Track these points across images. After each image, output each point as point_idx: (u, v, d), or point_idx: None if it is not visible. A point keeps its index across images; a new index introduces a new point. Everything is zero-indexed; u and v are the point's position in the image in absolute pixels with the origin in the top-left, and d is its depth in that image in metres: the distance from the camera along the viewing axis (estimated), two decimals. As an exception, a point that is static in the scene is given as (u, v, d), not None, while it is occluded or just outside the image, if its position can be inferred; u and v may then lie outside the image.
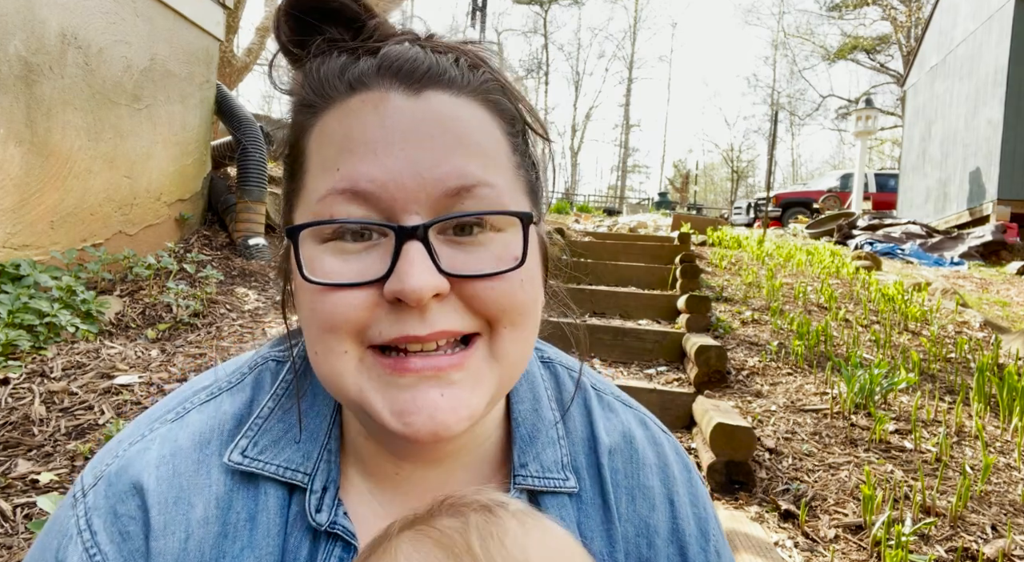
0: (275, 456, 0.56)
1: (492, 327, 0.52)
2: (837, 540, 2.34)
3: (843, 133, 41.41)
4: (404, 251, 0.48)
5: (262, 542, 0.53)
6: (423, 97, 0.51)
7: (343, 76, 0.53)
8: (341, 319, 0.50)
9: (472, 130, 0.52)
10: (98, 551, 0.51)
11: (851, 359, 3.70)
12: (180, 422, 0.57)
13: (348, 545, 0.55)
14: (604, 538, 0.60)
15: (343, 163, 0.50)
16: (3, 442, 2.33)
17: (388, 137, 0.49)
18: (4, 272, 3.32)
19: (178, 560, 0.51)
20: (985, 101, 12.73)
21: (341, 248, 0.51)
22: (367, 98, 0.51)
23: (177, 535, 0.52)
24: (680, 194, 28.78)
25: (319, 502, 0.55)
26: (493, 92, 0.55)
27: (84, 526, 0.52)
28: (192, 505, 0.53)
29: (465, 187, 0.50)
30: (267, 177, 5.43)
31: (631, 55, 43.81)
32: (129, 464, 0.54)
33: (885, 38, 32.57)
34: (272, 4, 11.03)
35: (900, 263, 9.06)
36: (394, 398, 0.50)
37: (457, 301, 0.51)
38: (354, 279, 0.49)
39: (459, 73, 0.53)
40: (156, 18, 4.56)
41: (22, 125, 3.55)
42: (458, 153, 0.50)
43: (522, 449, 0.62)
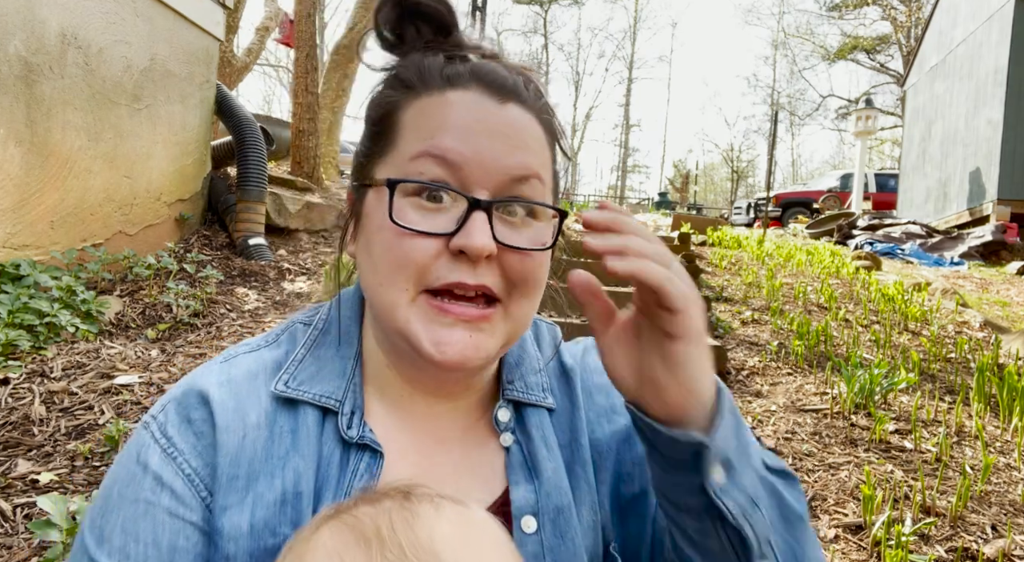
0: (311, 387, 0.69)
1: (511, 294, 0.66)
2: (837, 540, 2.34)
3: (843, 133, 41.41)
4: (473, 217, 0.63)
5: (303, 446, 0.65)
6: (506, 107, 0.66)
7: (442, 72, 0.67)
8: (412, 260, 0.63)
9: (534, 139, 0.67)
10: (176, 450, 0.64)
11: (851, 359, 3.70)
12: (230, 362, 0.71)
13: (375, 452, 0.67)
14: (571, 430, 0.76)
15: (438, 136, 0.64)
16: (3, 442, 2.33)
17: (478, 127, 0.64)
18: (4, 272, 3.32)
19: (237, 453, 0.64)
20: (985, 101, 12.73)
21: (420, 204, 0.64)
22: (464, 95, 0.66)
23: (237, 433, 0.64)
24: (680, 194, 28.78)
25: (349, 421, 0.68)
26: (547, 115, 0.71)
27: (160, 435, 0.64)
28: (247, 413, 0.66)
29: (525, 176, 0.65)
30: (267, 177, 5.43)
31: (631, 55, 43.83)
32: (194, 384, 0.67)
33: (885, 38, 32.57)
34: (272, 4, 11.03)
35: (900, 263, 9.06)
36: (435, 332, 0.63)
37: (497, 266, 0.65)
38: (430, 230, 0.63)
39: (529, 96, 0.69)
40: (156, 18, 4.56)
41: (22, 125, 3.55)
42: (524, 151, 0.66)
43: (509, 371, 0.77)
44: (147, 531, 0.61)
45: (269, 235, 5.46)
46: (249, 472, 0.63)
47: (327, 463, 0.66)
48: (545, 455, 0.72)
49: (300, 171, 7.15)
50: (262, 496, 0.62)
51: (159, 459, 0.63)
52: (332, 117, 10.11)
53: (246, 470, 0.63)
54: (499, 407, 0.75)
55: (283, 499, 0.62)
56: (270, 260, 5.05)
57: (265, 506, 0.62)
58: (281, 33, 10.90)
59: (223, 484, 0.62)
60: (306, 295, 4.39)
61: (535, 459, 0.72)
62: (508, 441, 0.73)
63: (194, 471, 0.63)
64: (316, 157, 7.28)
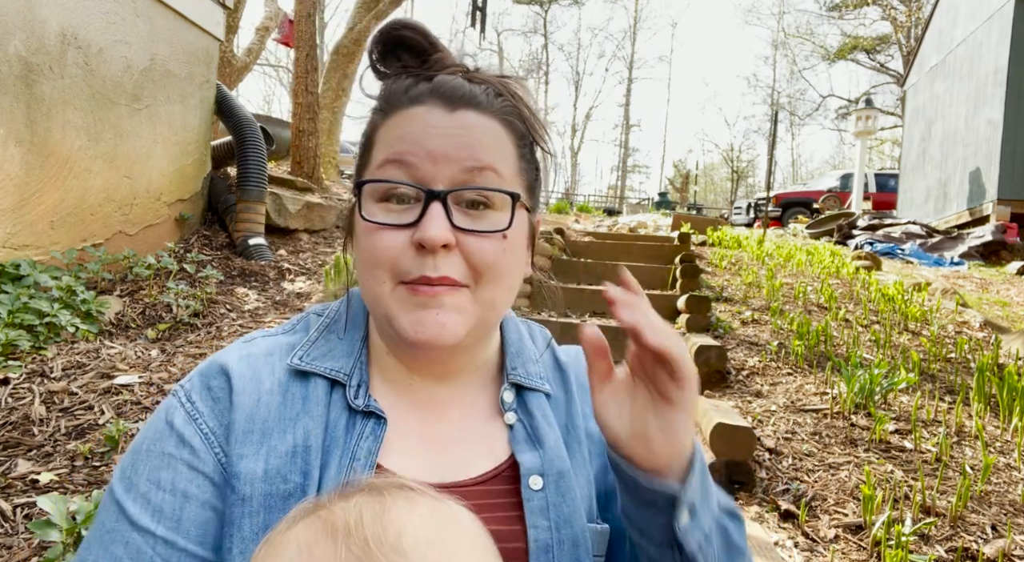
0: (322, 363, 0.77)
1: (477, 281, 0.73)
2: (837, 540, 2.34)
3: (843, 133, 41.39)
4: (429, 209, 0.70)
5: (313, 409, 0.73)
6: (457, 113, 0.74)
7: (407, 93, 0.76)
8: (382, 253, 0.71)
9: (488, 136, 0.74)
10: (197, 413, 0.73)
11: (851, 359, 3.70)
12: (250, 343, 0.81)
13: (380, 419, 0.75)
14: (567, 415, 0.83)
15: (397, 144, 0.73)
16: (3, 442, 2.33)
17: (428, 132, 0.72)
18: (4, 272, 3.32)
19: (252, 412, 0.72)
20: (985, 101, 12.73)
21: (388, 207, 0.73)
22: (419, 110, 0.74)
23: (252, 396, 0.73)
24: (680, 194, 28.77)
25: (356, 392, 0.76)
26: (509, 114, 0.77)
27: (185, 400, 0.74)
28: (262, 381, 0.75)
29: (476, 167, 0.72)
30: (267, 177, 5.43)
31: (631, 55, 43.80)
32: (216, 359, 0.77)
33: (885, 38, 32.55)
34: (272, 4, 11.03)
35: (900, 263, 9.06)
36: (411, 314, 0.71)
37: (459, 256, 0.71)
38: (394, 222, 0.71)
39: (485, 98, 0.76)
40: (156, 18, 4.56)
41: (22, 125, 3.55)
42: (474, 146, 0.72)
43: (512, 359, 0.85)
44: (167, 480, 0.70)
45: (269, 235, 5.46)
46: (264, 428, 0.72)
47: (334, 425, 0.74)
48: (547, 430, 0.79)
49: (300, 171, 7.15)
50: (275, 448, 0.70)
51: (183, 420, 0.72)
52: (332, 117, 10.11)
53: (260, 426, 0.72)
54: (504, 389, 0.82)
55: (294, 451, 0.70)
56: (270, 260, 5.05)
57: (278, 456, 0.70)
58: (281, 33, 10.90)
59: (239, 437, 0.71)
60: (306, 295, 4.39)
61: (538, 433, 0.79)
62: (512, 420, 0.80)
63: (211, 430, 0.72)
64: (316, 157, 7.28)
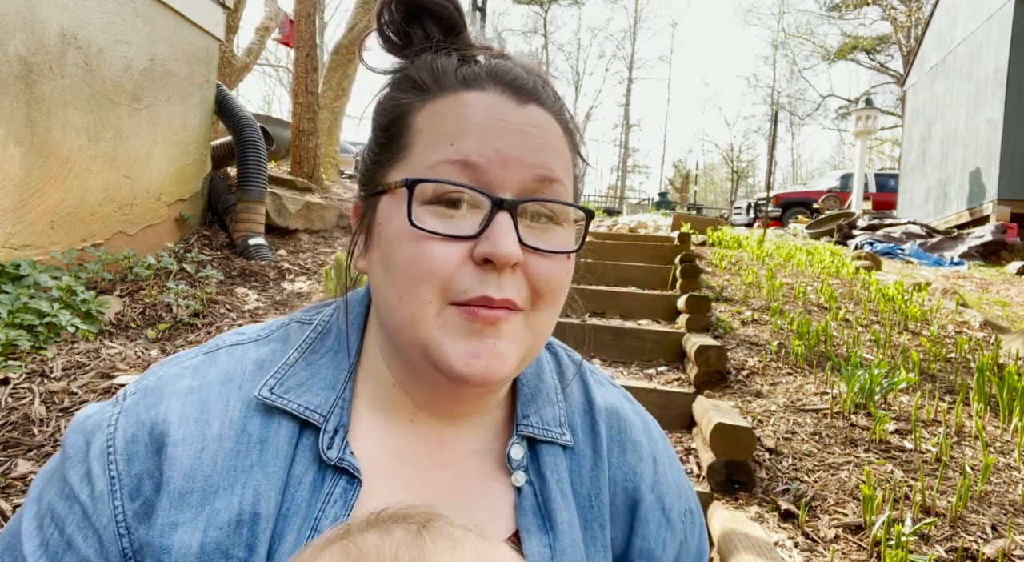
0: (297, 397, 0.64)
1: (535, 304, 0.63)
2: (837, 540, 2.34)
3: (843, 133, 41.40)
4: (497, 219, 0.59)
5: (270, 462, 0.61)
6: (528, 108, 0.63)
7: (458, 73, 0.64)
8: (435, 269, 0.59)
9: (557, 141, 0.65)
10: (114, 448, 0.60)
11: (851, 359, 3.70)
12: (211, 357, 0.67)
13: (353, 478, 0.63)
14: (592, 481, 0.70)
15: (457, 140, 0.60)
16: (3, 442, 2.33)
17: (500, 128, 0.61)
18: (4, 272, 3.32)
19: (192, 466, 0.59)
20: (985, 101, 12.73)
21: (439, 211, 0.60)
22: (482, 97, 0.62)
23: (193, 446, 0.60)
24: (680, 194, 28.77)
25: (331, 440, 0.63)
26: (567, 118, 0.68)
27: (113, 422, 0.62)
28: (209, 424, 0.61)
29: (549, 178, 0.62)
30: (267, 177, 5.43)
31: (631, 55, 43.81)
32: (164, 385, 0.64)
33: (885, 38, 32.55)
34: (272, 4, 11.03)
35: (900, 263, 9.06)
36: (465, 342, 0.59)
37: (521, 275, 0.61)
38: (453, 233, 0.59)
39: (549, 97, 0.66)
40: (156, 18, 4.56)
41: (22, 125, 3.55)
42: (548, 152, 0.63)
43: (524, 404, 0.72)
44: (61, 514, 0.60)
45: (269, 235, 5.46)
46: (205, 487, 0.59)
47: (297, 483, 0.61)
48: (560, 503, 0.67)
49: (300, 171, 7.15)
50: (217, 514, 0.58)
51: (99, 449, 0.61)
52: (332, 117, 10.11)
53: (202, 485, 0.59)
54: (512, 444, 0.69)
55: (239, 520, 0.58)
56: (270, 260, 5.05)
57: (218, 526, 0.58)
58: (281, 33, 10.90)
59: (174, 499, 0.58)
60: (306, 295, 4.39)
61: (549, 506, 0.66)
62: (520, 481, 0.68)
63: (118, 476, 0.60)
64: (316, 157, 7.28)
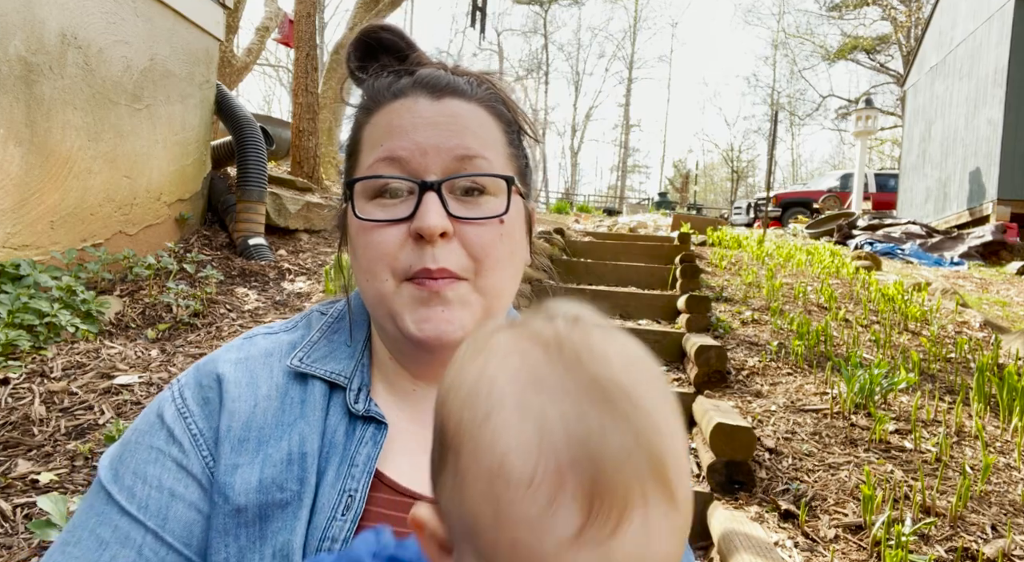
0: (323, 365, 0.76)
1: (478, 271, 0.71)
2: (837, 540, 2.34)
3: (843, 133, 41.38)
4: (424, 200, 0.70)
5: (310, 414, 0.72)
6: (443, 101, 0.74)
7: (390, 89, 0.76)
8: (381, 250, 0.71)
9: (476, 124, 0.74)
10: (188, 412, 0.72)
11: (851, 359, 3.70)
12: (251, 341, 0.79)
13: (380, 424, 0.73)
14: None
15: (386, 141, 0.72)
16: (3, 442, 2.33)
17: (416, 123, 0.72)
18: (4, 272, 3.32)
19: (248, 419, 0.71)
20: (985, 101, 12.73)
21: (381, 203, 0.72)
22: (404, 102, 0.74)
23: (248, 403, 0.72)
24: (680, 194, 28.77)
25: (356, 396, 0.74)
26: (494, 101, 0.77)
27: (178, 396, 0.73)
28: (259, 386, 0.73)
29: (467, 156, 0.71)
30: (267, 177, 5.43)
31: (631, 55, 43.80)
32: (213, 360, 0.76)
33: (885, 38, 32.55)
34: (272, 4, 11.03)
35: (900, 263, 9.06)
36: (416, 311, 0.70)
37: (458, 245, 0.71)
38: (390, 217, 0.71)
39: (469, 87, 0.76)
40: (156, 18, 4.56)
41: (22, 125, 3.55)
42: (464, 134, 0.72)
43: None
44: (154, 476, 0.69)
45: (269, 235, 5.46)
46: (260, 436, 0.70)
47: (333, 431, 0.72)
48: None
49: (300, 171, 7.15)
50: (271, 456, 0.69)
51: (173, 415, 0.72)
52: (332, 117, 10.11)
53: (257, 434, 0.70)
54: None
55: (289, 459, 0.69)
56: (270, 260, 5.05)
57: (273, 464, 0.68)
58: (281, 33, 10.90)
59: (235, 445, 0.69)
60: (306, 295, 4.39)
61: None
62: None
63: (200, 432, 0.71)
64: (316, 157, 7.28)
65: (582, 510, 0.39)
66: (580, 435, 0.40)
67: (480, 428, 0.43)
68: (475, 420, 0.44)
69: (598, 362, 0.43)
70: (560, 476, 0.40)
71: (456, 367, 0.50)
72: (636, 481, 0.40)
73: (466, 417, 0.45)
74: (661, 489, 0.41)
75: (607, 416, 0.41)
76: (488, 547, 0.42)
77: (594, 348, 0.45)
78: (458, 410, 0.46)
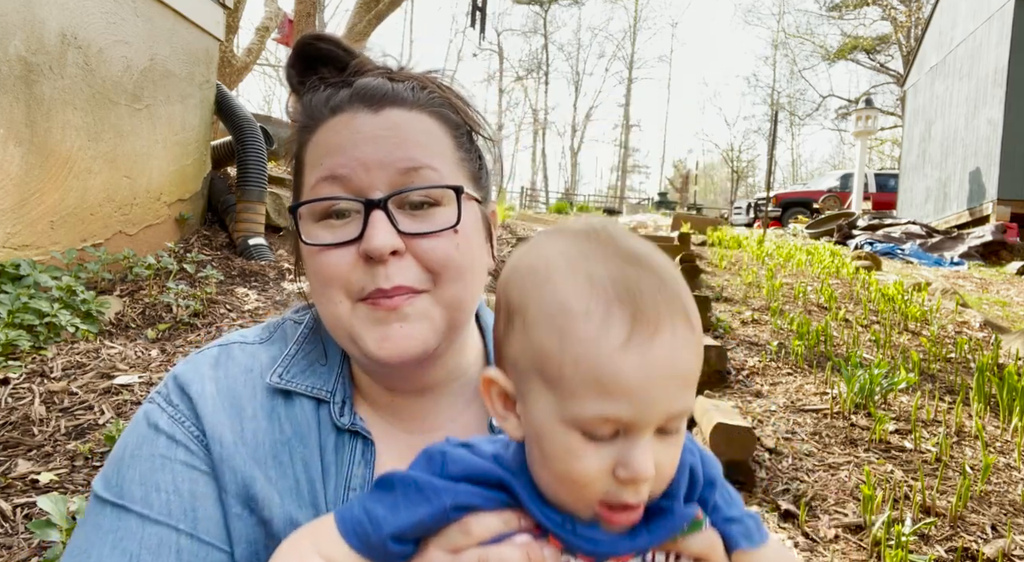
0: (303, 380, 0.74)
1: (436, 282, 0.70)
2: (837, 540, 2.34)
3: (843, 133, 41.38)
4: (371, 218, 0.67)
5: (306, 436, 0.71)
6: (383, 113, 0.71)
7: (327, 104, 0.72)
8: (331, 274, 0.68)
9: (419, 132, 0.71)
10: (182, 416, 0.70)
11: (851, 359, 3.70)
12: (226, 351, 0.76)
13: (366, 440, 0.72)
14: None
15: (326, 160, 0.70)
16: (3, 442, 2.33)
17: (355, 139, 0.69)
18: (4, 272, 3.32)
19: (236, 443, 0.68)
20: (985, 101, 12.73)
21: (329, 225, 0.70)
22: (343, 118, 0.71)
23: (232, 428, 0.70)
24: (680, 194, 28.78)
25: (340, 410, 0.73)
26: (439, 106, 0.74)
27: (166, 404, 0.71)
28: (243, 408, 0.71)
29: (413, 168, 0.69)
30: (267, 177, 5.43)
31: (631, 55, 43.81)
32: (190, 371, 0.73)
33: (885, 38, 32.56)
34: (272, 4, 11.03)
35: (900, 263, 9.06)
36: (375, 330, 0.68)
37: (412, 260, 0.69)
38: (337, 240, 0.68)
39: (410, 94, 0.73)
40: (156, 18, 4.56)
41: (22, 125, 3.55)
42: (407, 146, 0.69)
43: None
44: (167, 481, 0.67)
45: (269, 235, 5.46)
46: (256, 456, 0.69)
47: (324, 448, 0.71)
48: None
49: (300, 171, 7.14)
50: (277, 480, 0.69)
51: (168, 421, 0.70)
52: (332, 117, 10.10)
53: (252, 454, 0.69)
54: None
55: (297, 487, 0.69)
56: (270, 260, 5.05)
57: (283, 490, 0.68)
58: (281, 33, 10.89)
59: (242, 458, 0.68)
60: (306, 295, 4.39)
61: None
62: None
63: (202, 433, 0.69)
64: (316, 157, 7.27)
65: (628, 325, 0.52)
66: (620, 279, 0.54)
67: (542, 287, 0.55)
68: (537, 283, 0.56)
69: (625, 242, 0.57)
70: (608, 305, 0.53)
71: (512, 260, 0.60)
72: (665, 307, 0.53)
73: (528, 283, 0.57)
74: (682, 315, 0.54)
75: (639, 269, 0.55)
76: (554, 369, 0.53)
77: (622, 235, 0.58)
78: (520, 280, 0.58)
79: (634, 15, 43.58)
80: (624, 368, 0.51)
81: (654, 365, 0.52)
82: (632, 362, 0.51)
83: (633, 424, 0.52)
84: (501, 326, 0.60)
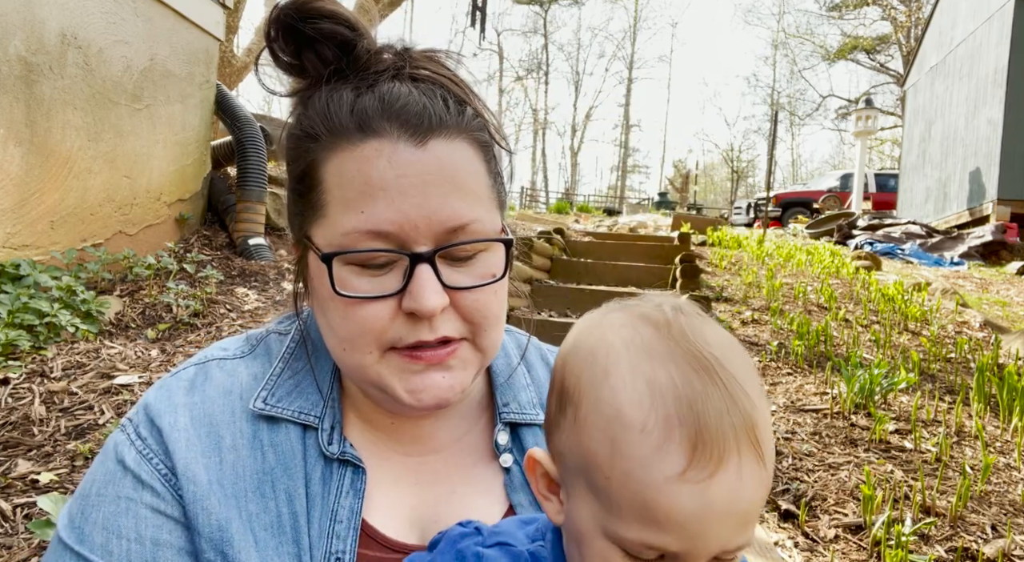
0: (290, 404, 0.69)
1: (475, 332, 0.67)
2: (837, 540, 2.34)
3: (843, 133, 41.40)
4: (417, 272, 0.62)
5: (291, 466, 0.66)
6: (428, 147, 0.62)
7: (352, 114, 0.63)
8: (368, 327, 0.63)
9: (464, 173, 0.64)
10: (150, 451, 0.65)
11: (851, 359, 3.70)
12: (203, 371, 0.71)
13: (356, 468, 0.68)
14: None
15: (366, 207, 0.62)
16: (3, 442, 2.33)
17: (401, 186, 0.61)
18: (4, 272, 3.32)
19: (217, 478, 0.64)
20: (985, 101, 12.73)
21: (364, 271, 0.63)
22: (380, 147, 0.62)
23: (211, 458, 0.65)
24: (680, 194, 28.78)
25: (329, 437, 0.68)
26: (476, 129, 0.67)
27: (135, 437, 0.66)
28: (221, 437, 0.66)
29: (461, 226, 0.63)
30: (267, 177, 5.43)
31: (631, 55, 43.83)
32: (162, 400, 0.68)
33: (885, 38, 32.57)
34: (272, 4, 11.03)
35: (900, 263, 9.06)
36: (409, 381, 0.65)
37: (453, 311, 0.65)
38: (378, 293, 0.63)
39: (451, 117, 0.65)
40: (156, 18, 4.56)
41: (22, 125, 3.55)
42: (455, 197, 0.63)
43: (503, 392, 0.78)
44: (129, 527, 0.62)
45: (269, 235, 5.46)
46: (235, 491, 0.64)
47: (310, 479, 0.67)
48: None
49: (300, 171, 7.14)
50: (258, 515, 0.64)
51: (136, 458, 0.65)
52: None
53: (232, 490, 0.64)
54: (498, 431, 0.75)
55: (279, 522, 0.64)
56: (270, 260, 5.05)
57: (263, 526, 0.63)
58: (281, 33, 10.89)
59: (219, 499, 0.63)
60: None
61: None
62: (508, 462, 0.74)
63: (170, 470, 0.64)
64: (316, 157, 7.27)
65: (687, 455, 0.47)
66: (686, 394, 0.48)
67: (599, 384, 0.51)
68: (595, 377, 0.52)
69: (699, 340, 0.51)
70: (668, 425, 0.47)
71: (575, 335, 0.57)
72: (732, 436, 0.47)
73: (586, 375, 0.53)
74: (751, 446, 0.48)
75: (708, 382, 0.49)
76: (602, 479, 0.50)
77: (696, 329, 0.52)
78: (578, 369, 0.54)
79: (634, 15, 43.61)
80: (677, 502, 0.47)
81: (712, 503, 0.47)
82: (686, 497, 0.46)
83: (680, 557, 0.48)
84: (553, 407, 0.57)
